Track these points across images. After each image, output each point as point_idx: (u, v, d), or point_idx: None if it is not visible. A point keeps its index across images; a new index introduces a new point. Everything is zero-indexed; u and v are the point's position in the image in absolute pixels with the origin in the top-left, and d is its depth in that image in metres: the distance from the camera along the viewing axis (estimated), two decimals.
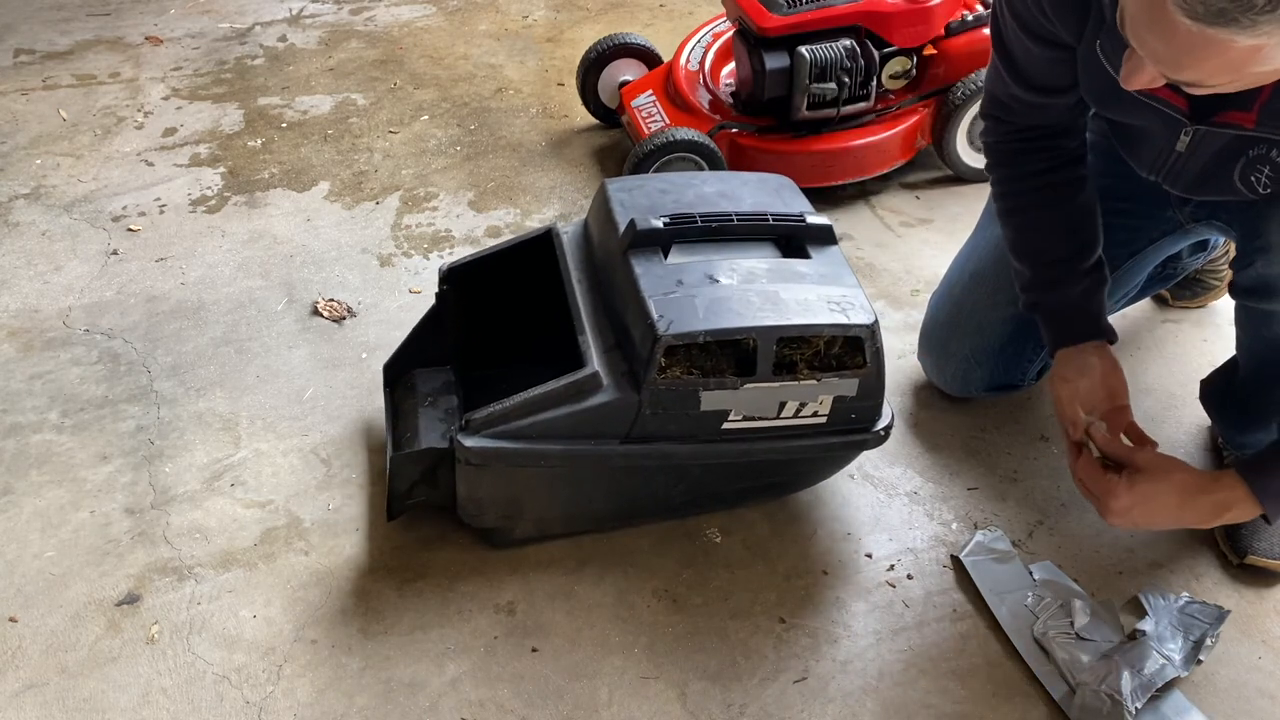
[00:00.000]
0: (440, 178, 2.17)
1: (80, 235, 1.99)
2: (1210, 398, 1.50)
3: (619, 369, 1.30)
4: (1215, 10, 0.84)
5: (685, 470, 1.38)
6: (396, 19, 2.77)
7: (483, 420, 1.28)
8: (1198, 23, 0.86)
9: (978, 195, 1.60)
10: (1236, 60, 0.89)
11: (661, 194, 1.43)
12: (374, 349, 1.73)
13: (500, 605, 1.37)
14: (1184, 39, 0.89)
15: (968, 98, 2.00)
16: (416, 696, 1.27)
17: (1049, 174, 1.36)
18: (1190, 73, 0.94)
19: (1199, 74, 0.94)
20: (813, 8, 1.94)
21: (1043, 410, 1.65)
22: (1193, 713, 1.25)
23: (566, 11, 2.83)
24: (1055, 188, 1.37)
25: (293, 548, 1.44)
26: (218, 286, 1.88)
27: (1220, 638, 1.32)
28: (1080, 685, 1.26)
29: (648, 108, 2.09)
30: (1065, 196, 1.37)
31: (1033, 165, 1.37)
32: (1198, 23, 0.86)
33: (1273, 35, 0.85)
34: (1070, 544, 1.46)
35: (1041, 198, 1.37)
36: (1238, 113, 1.11)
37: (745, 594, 1.39)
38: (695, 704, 1.27)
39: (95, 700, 1.26)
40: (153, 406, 1.64)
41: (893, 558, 1.44)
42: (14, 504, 1.49)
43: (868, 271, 1.92)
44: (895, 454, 1.57)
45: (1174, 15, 0.87)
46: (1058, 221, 1.37)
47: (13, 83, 2.45)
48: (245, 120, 2.34)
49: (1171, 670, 1.27)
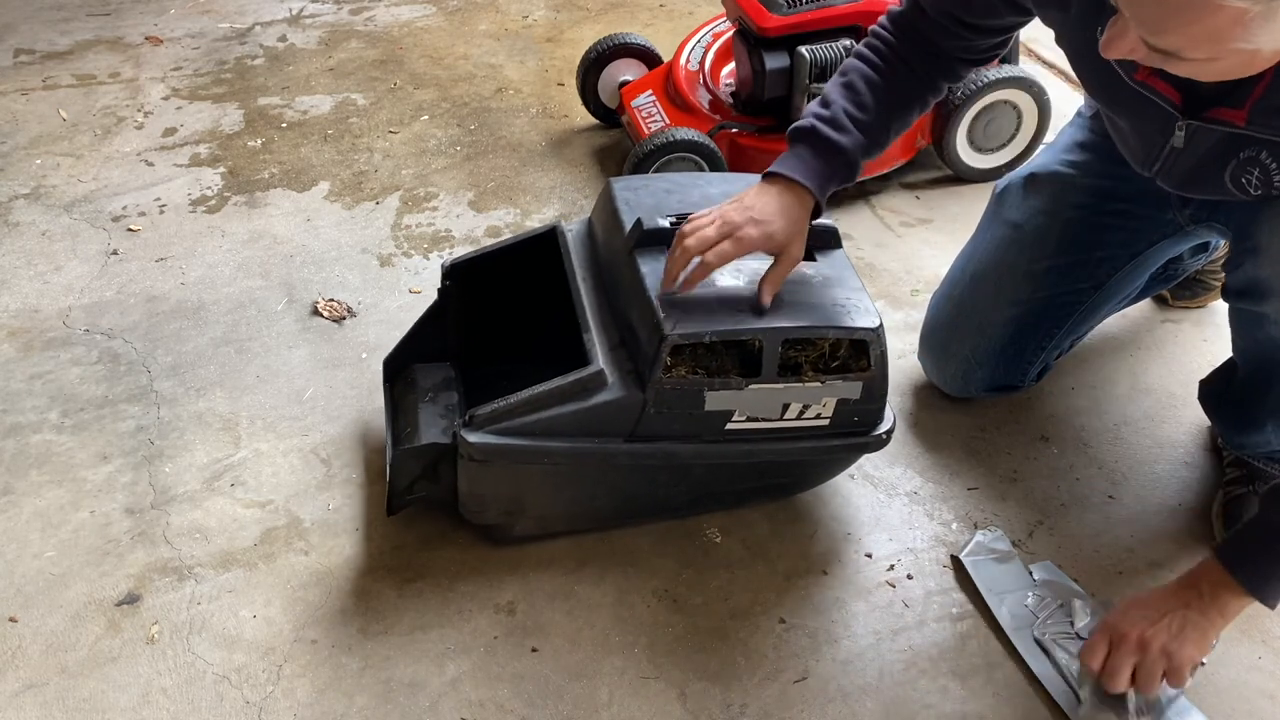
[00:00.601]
0: (440, 178, 2.17)
1: (80, 235, 1.99)
2: (1209, 399, 1.51)
3: (624, 368, 1.30)
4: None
5: (688, 470, 1.38)
6: (396, 19, 2.77)
7: (487, 416, 1.28)
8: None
9: (977, 195, 1.60)
10: (1220, 29, 0.89)
11: (667, 194, 1.43)
12: (374, 349, 1.73)
13: (500, 605, 1.37)
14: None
15: (968, 98, 2.00)
16: (416, 696, 1.27)
17: (922, 68, 1.36)
18: (1172, 37, 0.94)
19: (1181, 40, 0.93)
20: (813, 8, 1.94)
21: (1043, 410, 1.66)
22: (1193, 713, 1.25)
23: (566, 11, 2.83)
24: (915, 76, 1.36)
25: (293, 548, 1.44)
26: (218, 286, 1.88)
27: (1220, 639, 1.32)
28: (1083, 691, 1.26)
29: (648, 108, 2.09)
30: (920, 88, 1.36)
31: (914, 51, 1.35)
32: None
33: (1259, 2, 0.86)
34: (1070, 544, 1.46)
35: (904, 71, 1.35)
36: (1229, 110, 1.11)
37: (745, 594, 1.39)
38: (695, 704, 1.27)
39: (95, 700, 1.26)
40: (153, 406, 1.64)
41: (893, 558, 1.44)
42: (14, 504, 1.49)
43: (868, 271, 1.92)
44: (895, 454, 1.57)
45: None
46: (902, 98, 1.35)
47: (13, 83, 2.45)
48: (245, 120, 2.34)
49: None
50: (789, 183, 1.28)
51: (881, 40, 1.36)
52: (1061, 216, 1.46)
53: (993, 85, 2.00)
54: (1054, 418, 1.65)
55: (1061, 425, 1.63)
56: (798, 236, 1.28)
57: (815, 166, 1.29)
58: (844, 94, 1.34)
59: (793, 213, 1.27)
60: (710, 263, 1.24)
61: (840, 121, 1.31)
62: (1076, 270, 1.48)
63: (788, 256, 1.28)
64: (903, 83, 1.35)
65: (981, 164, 2.12)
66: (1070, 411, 1.66)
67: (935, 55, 1.36)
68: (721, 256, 1.24)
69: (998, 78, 2.00)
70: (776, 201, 1.27)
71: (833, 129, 1.31)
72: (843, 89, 1.34)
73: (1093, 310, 1.53)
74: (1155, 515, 1.50)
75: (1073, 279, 1.49)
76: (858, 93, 1.33)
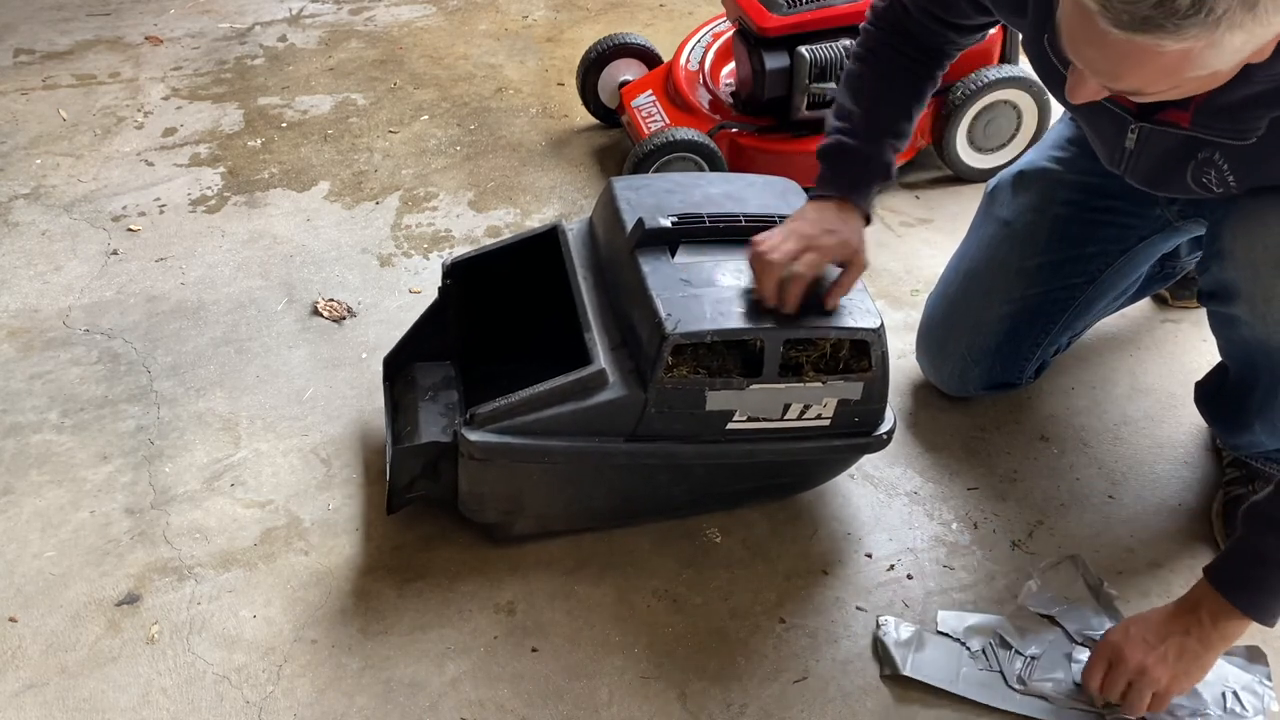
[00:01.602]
0: (440, 178, 2.17)
1: (80, 235, 1.99)
2: (1203, 400, 1.51)
3: (625, 367, 1.30)
4: (1140, 18, 0.86)
5: (688, 470, 1.38)
6: (396, 19, 2.77)
7: (487, 415, 1.28)
8: (1125, 31, 0.87)
9: (977, 195, 1.60)
10: (1170, 66, 0.90)
11: (668, 194, 1.43)
12: (374, 349, 1.73)
13: (500, 605, 1.37)
14: (1115, 49, 0.90)
15: (968, 98, 2.00)
16: (416, 696, 1.27)
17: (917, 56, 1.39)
18: (1128, 81, 0.96)
19: (1137, 82, 0.95)
20: (813, 8, 1.94)
21: (1042, 410, 1.66)
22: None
23: (566, 11, 2.83)
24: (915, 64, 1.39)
25: (292, 548, 1.44)
26: (218, 286, 1.88)
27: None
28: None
29: (648, 108, 2.09)
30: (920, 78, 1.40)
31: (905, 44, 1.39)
32: (1125, 31, 0.87)
33: (1199, 39, 0.86)
34: (1070, 544, 1.46)
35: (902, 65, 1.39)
36: (1176, 111, 1.12)
37: (745, 594, 1.39)
38: (695, 704, 1.27)
39: (95, 700, 1.26)
40: (153, 406, 1.64)
41: (893, 558, 1.44)
42: (14, 504, 1.49)
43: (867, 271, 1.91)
44: (895, 454, 1.57)
45: (1102, 26, 0.88)
46: (907, 92, 1.39)
47: (13, 83, 2.45)
48: (245, 120, 2.34)
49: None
50: (836, 199, 1.33)
51: (874, 39, 1.39)
52: (1051, 213, 1.47)
53: (993, 85, 2.00)
54: (1053, 417, 1.65)
55: (1061, 425, 1.63)
56: (863, 243, 1.33)
57: (851, 179, 1.35)
58: (855, 100, 1.38)
59: (853, 222, 1.33)
60: (802, 274, 1.26)
61: (861, 129, 1.36)
62: (1068, 266, 1.49)
63: (858, 263, 1.32)
64: (904, 73, 1.39)
65: (981, 164, 2.12)
66: (1070, 411, 1.66)
67: (922, 47, 1.39)
68: (811, 266, 1.27)
69: (998, 78, 2.00)
70: (835, 212, 1.32)
71: (856, 139, 1.35)
72: (852, 96, 1.38)
73: (1087, 306, 1.54)
74: (1155, 515, 1.50)
75: (1065, 275, 1.49)
76: (867, 96, 1.37)
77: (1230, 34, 0.86)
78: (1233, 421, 1.43)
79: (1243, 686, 1.27)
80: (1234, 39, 0.87)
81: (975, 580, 1.42)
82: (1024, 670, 1.29)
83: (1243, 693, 1.27)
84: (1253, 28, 0.86)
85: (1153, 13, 0.85)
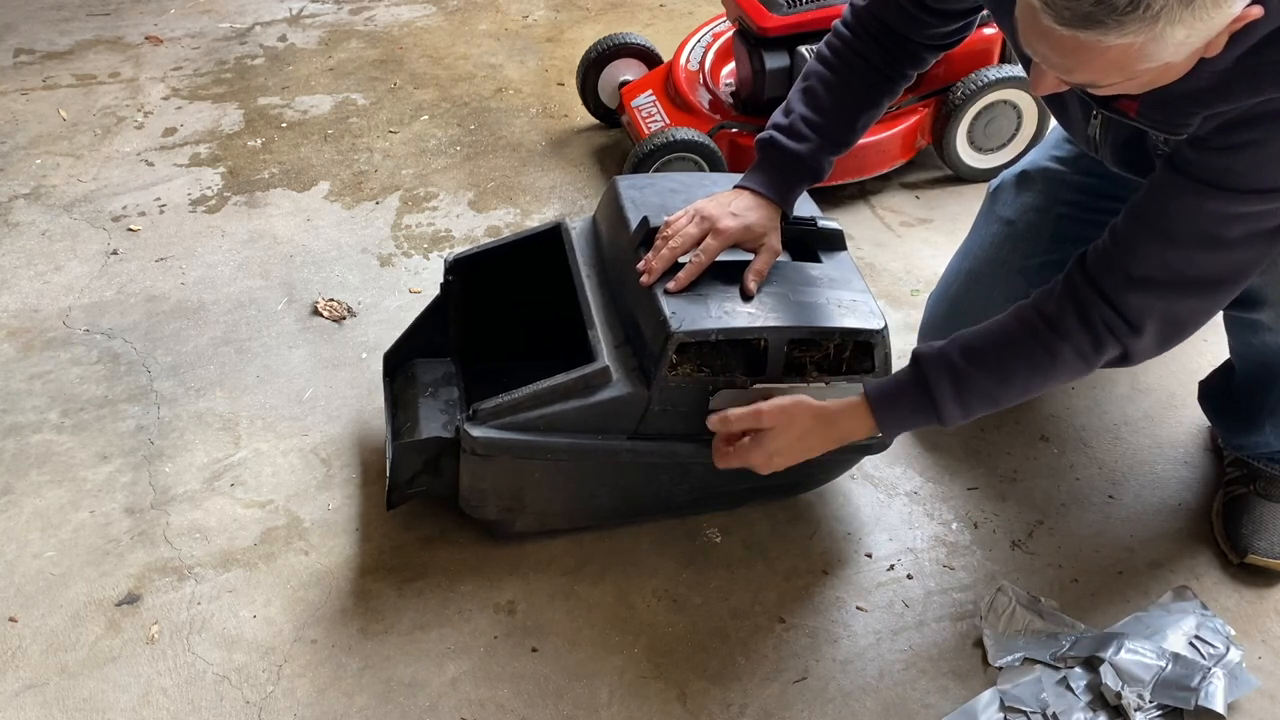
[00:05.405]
0: (440, 177, 2.17)
1: (80, 235, 1.99)
2: (1208, 399, 1.51)
3: (628, 365, 1.30)
4: (1081, 15, 0.88)
5: (690, 468, 1.38)
6: (396, 19, 2.77)
7: (490, 411, 1.28)
8: (1067, 28, 0.89)
9: (977, 195, 1.60)
10: (1118, 60, 0.92)
11: (672, 193, 1.43)
12: (374, 349, 1.73)
13: (500, 605, 1.37)
14: (1061, 44, 0.92)
15: (968, 97, 2.00)
16: (416, 696, 1.27)
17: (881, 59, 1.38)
18: (1080, 75, 0.97)
19: (1089, 76, 0.96)
20: (813, 7, 1.94)
21: (1043, 410, 1.66)
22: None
23: (566, 11, 2.83)
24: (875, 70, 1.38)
25: (293, 548, 1.44)
26: (218, 286, 1.88)
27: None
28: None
29: (648, 107, 2.09)
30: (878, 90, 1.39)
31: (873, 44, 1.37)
32: (1067, 28, 0.89)
33: (1140, 34, 0.88)
34: (1070, 544, 1.46)
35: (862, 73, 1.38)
36: (1125, 100, 1.13)
37: (745, 594, 1.39)
38: (695, 704, 1.27)
39: (95, 700, 1.26)
40: (153, 406, 1.64)
41: (893, 558, 1.44)
42: (14, 504, 1.49)
43: (868, 271, 1.92)
44: (895, 454, 1.57)
45: (1046, 22, 0.90)
46: (861, 102, 1.39)
47: (13, 83, 2.45)
48: (245, 120, 2.34)
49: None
50: (755, 192, 1.35)
51: (840, 38, 1.39)
52: (1054, 213, 1.47)
53: (993, 85, 2.00)
54: (1054, 418, 1.65)
55: (1061, 425, 1.64)
56: (773, 230, 1.35)
57: (775, 177, 1.36)
58: (803, 100, 1.38)
59: (765, 210, 1.35)
60: (702, 261, 1.30)
61: (798, 130, 1.37)
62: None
63: (768, 248, 1.33)
64: (861, 79, 1.38)
65: (981, 164, 2.12)
66: (1070, 411, 1.66)
67: (899, 42, 1.37)
68: (709, 252, 1.30)
69: (998, 78, 2.00)
70: (749, 199, 1.34)
71: (790, 138, 1.36)
72: (802, 94, 1.39)
73: None
74: (1155, 515, 1.50)
75: None
76: (816, 97, 1.38)
77: (1171, 29, 0.87)
78: (1241, 421, 1.43)
79: (1197, 626, 1.32)
80: (1176, 33, 0.88)
81: (975, 580, 1.42)
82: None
83: (1202, 630, 1.32)
84: (1193, 23, 0.87)
85: (1093, 9, 0.87)
